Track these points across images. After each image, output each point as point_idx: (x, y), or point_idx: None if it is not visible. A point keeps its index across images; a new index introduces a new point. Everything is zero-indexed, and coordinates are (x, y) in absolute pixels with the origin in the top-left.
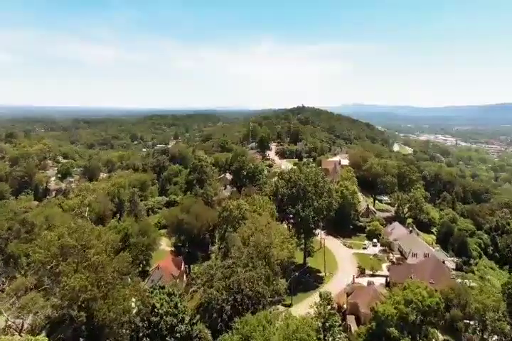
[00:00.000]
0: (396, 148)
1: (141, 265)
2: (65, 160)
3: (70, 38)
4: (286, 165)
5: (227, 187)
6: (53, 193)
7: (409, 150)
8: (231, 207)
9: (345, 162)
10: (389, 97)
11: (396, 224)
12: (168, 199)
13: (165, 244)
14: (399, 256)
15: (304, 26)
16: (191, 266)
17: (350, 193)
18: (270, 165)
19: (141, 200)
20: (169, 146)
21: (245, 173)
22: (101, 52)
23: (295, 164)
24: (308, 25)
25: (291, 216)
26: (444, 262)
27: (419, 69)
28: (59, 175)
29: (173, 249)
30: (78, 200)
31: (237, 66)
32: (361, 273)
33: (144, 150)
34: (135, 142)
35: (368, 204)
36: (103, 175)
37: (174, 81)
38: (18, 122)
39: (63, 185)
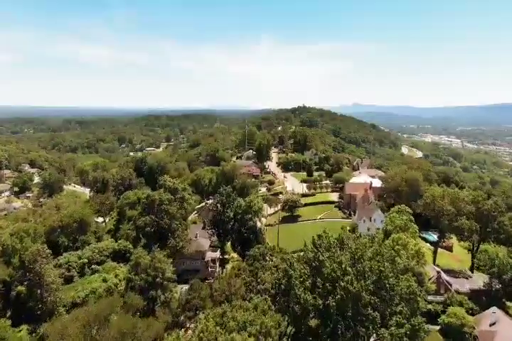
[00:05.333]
0: (404, 151)
1: None
2: (31, 170)
3: (69, 38)
4: (292, 182)
5: (205, 227)
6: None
7: (418, 153)
8: None
9: (376, 182)
10: (388, 97)
11: (498, 314)
12: (115, 246)
13: None
14: None
15: (304, 26)
16: None
17: (412, 255)
18: (271, 182)
19: (77, 248)
20: (159, 150)
21: (232, 215)
22: (101, 52)
23: (303, 181)
24: (308, 25)
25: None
26: None
27: (419, 69)
28: (15, 189)
29: None
30: None
31: (237, 66)
32: None
33: (131, 154)
34: (122, 145)
35: (439, 273)
36: (71, 188)
37: (174, 81)
38: (7, 122)
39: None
